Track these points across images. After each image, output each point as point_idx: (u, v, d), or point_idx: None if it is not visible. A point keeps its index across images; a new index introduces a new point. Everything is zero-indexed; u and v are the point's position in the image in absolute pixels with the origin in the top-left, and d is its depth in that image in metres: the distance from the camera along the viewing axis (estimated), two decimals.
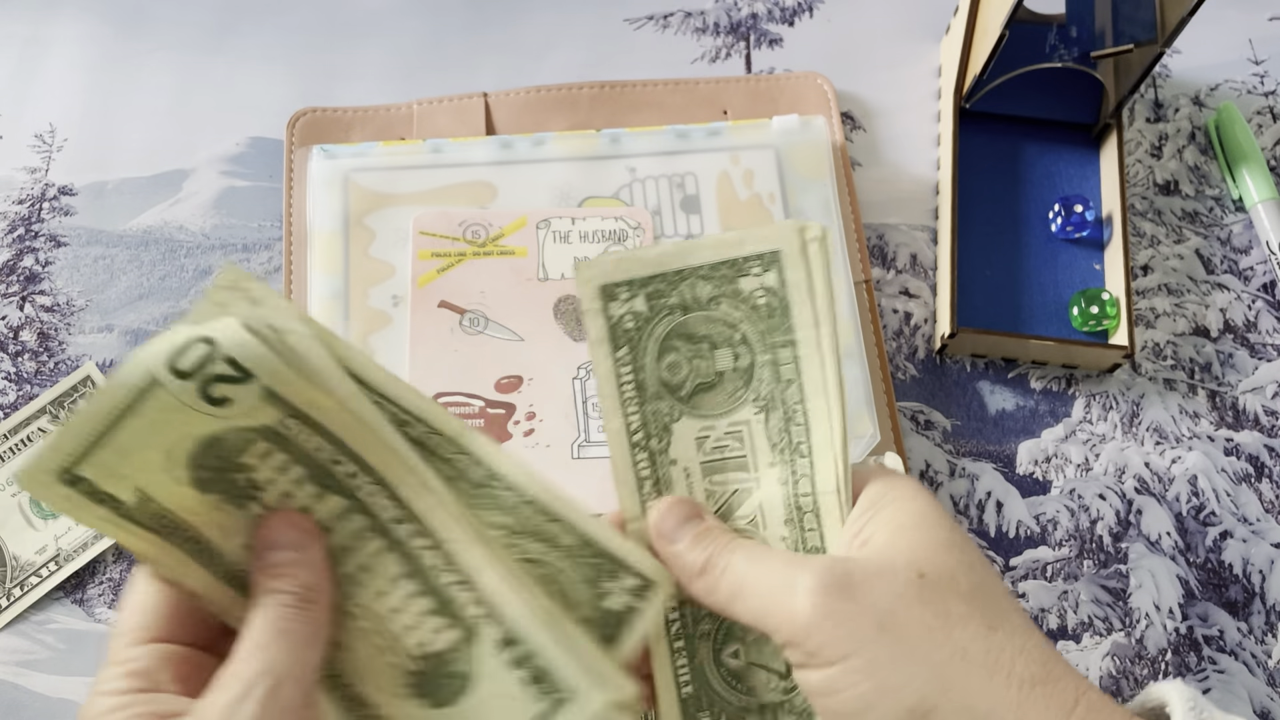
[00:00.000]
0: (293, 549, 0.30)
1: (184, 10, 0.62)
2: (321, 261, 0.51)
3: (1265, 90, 0.60)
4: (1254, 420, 0.53)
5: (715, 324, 0.34)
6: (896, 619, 0.29)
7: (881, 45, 0.61)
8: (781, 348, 0.34)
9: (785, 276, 0.33)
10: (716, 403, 0.35)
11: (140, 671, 0.29)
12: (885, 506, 0.33)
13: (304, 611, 0.30)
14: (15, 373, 0.53)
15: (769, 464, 0.35)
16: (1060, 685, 0.29)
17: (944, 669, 0.29)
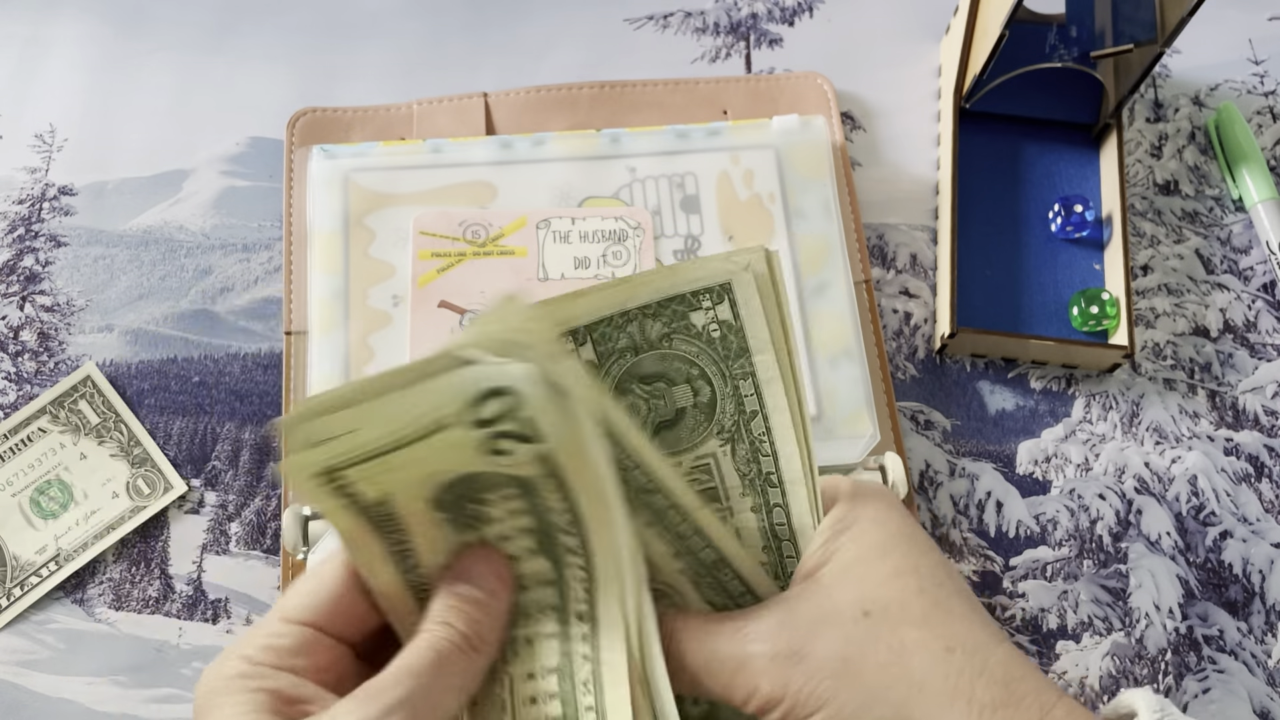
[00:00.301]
0: (484, 592, 0.30)
1: (184, 10, 0.62)
2: (321, 261, 0.51)
3: (1265, 90, 0.60)
4: (1254, 420, 0.53)
5: (670, 361, 0.33)
6: (850, 665, 0.30)
7: (881, 45, 0.61)
8: (742, 379, 0.33)
9: (738, 309, 0.33)
10: (679, 439, 0.34)
11: (283, 648, 0.29)
12: (842, 534, 0.32)
13: (466, 655, 0.29)
14: (15, 373, 0.53)
15: (740, 494, 0.34)
16: (1023, 705, 0.29)
17: (904, 705, 0.29)
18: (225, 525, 0.51)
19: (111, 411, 0.52)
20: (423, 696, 0.27)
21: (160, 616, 0.49)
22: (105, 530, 0.50)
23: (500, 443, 0.28)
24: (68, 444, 0.51)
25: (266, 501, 0.51)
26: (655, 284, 0.32)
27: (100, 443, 0.51)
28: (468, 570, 0.30)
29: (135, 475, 0.51)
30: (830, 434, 0.48)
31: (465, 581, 0.30)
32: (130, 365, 0.53)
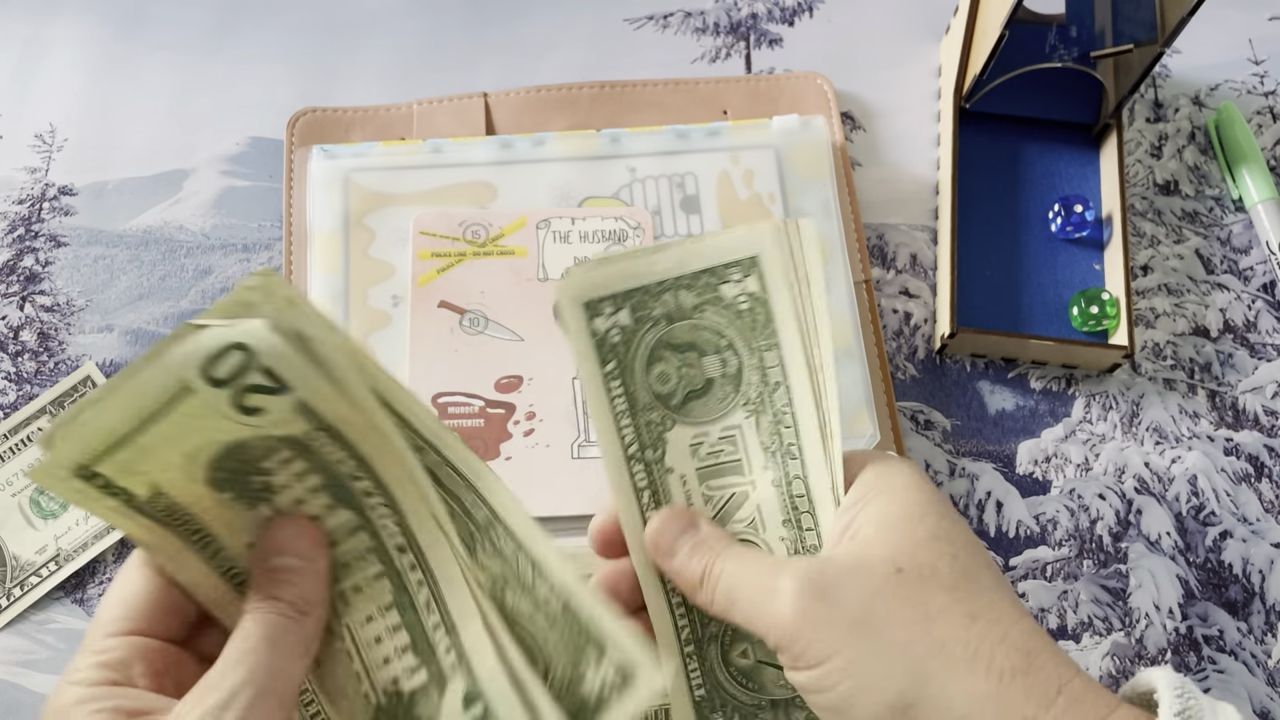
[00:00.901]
0: (299, 557, 0.30)
1: (184, 10, 0.62)
2: (321, 261, 0.51)
3: (1265, 90, 0.60)
4: (1254, 420, 0.53)
5: (701, 331, 0.34)
6: (874, 617, 0.30)
7: (881, 45, 0.61)
8: (766, 351, 0.34)
9: (765, 281, 0.33)
10: (708, 409, 0.35)
11: (113, 663, 0.29)
12: (874, 499, 0.33)
13: (297, 623, 0.29)
14: (15, 373, 0.53)
15: (763, 467, 0.35)
16: (1042, 675, 0.29)
17: (922, 664, 0.29)
18: None
19: None
20: (263, 672, 0.28)
21: None
22: (105, 530, 0.50)
23: (246, 398, 0.27)
24: None
25: None
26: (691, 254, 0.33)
27: None
28: (277, 541, 0.30)
29: None
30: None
31: (275, 553, 0.30)
32: None
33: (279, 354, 0.27)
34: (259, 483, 0.30)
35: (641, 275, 0.33)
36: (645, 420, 0.35)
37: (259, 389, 0.28)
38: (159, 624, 0.30)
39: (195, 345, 0.27)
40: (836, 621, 0.30)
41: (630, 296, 0.33)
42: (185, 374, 0.27)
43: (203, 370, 0.27)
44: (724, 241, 0.33)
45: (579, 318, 0.33)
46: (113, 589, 0.31)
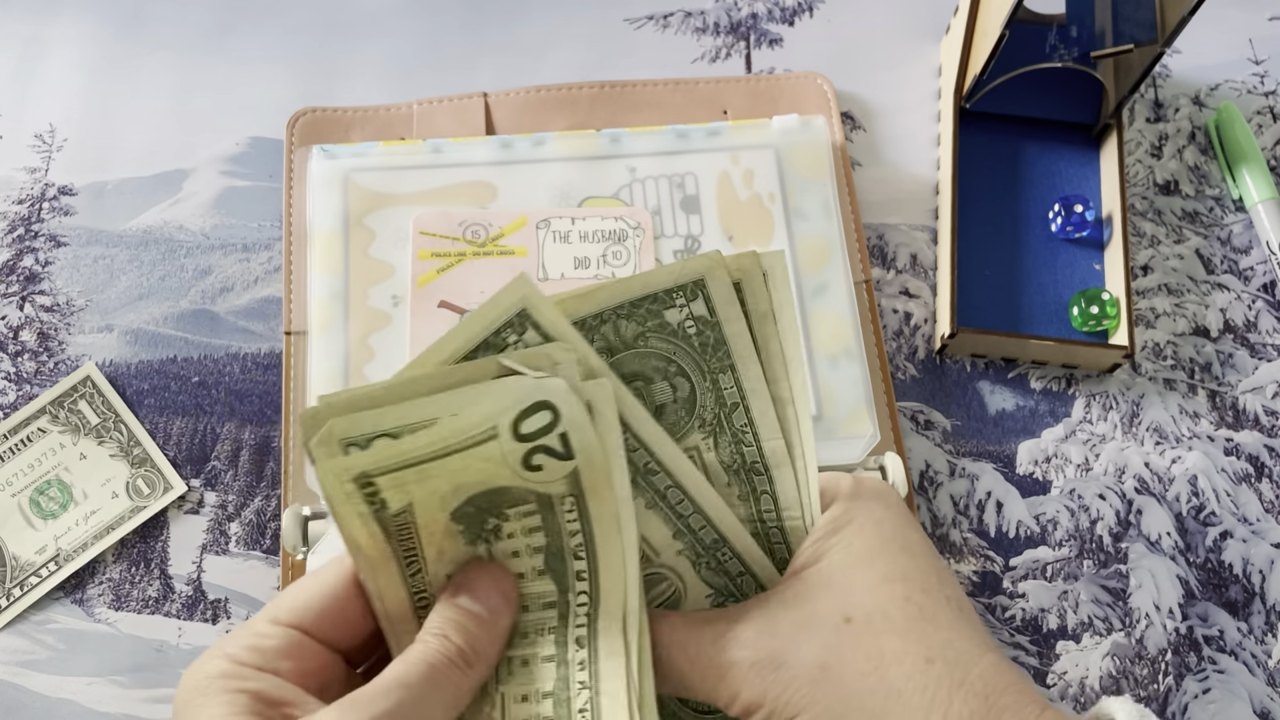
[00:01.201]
0: (486, 608, 0.30)
1: (184, 10, 0.62)
2: (321, 261, 0.51)
3: (1265, 90, 0.60)
4: (1254, 420, 0.53)
5: (647, 359, 0.33)
6: (830, 672, 0.30)
7: (881, 45, 0.61)
8: (720, 374, 0.33)
9: (714, 305, 0.33)
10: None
11: (268, 649, 0.29)
12: (834, 534, 0.32)
13: (460, 672, 0.29)
14: (15, 373, 0.53)
15: (725, 484, 0.34)
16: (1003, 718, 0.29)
17: (880, 716, 0.29)
18: (225, 525, 0.51)
19: (111, 412, 0.52)
20: (410, 709, 0.27)
21: (160, 616, 0.49)
22: (105, 530, 0.50)
23: (536, 457, 0.28)
24: (67, 444, 0.51)
25: (266, 502, 0.51)
26: (629, 286, 0.32)
27: (100, 443, 0.51)
28: (472, 584, 0.30)
29: (135, 475, 0.51)
30: (830, 434, 0.48)
31: (468, 595, 0.30)
32: (130, 365, 0.53)
33: (579, 424, 0.28)
34: (492, 524, 0.30)
35: (579, 310, 0.32)
36: None
37: (550, 452, 0.28)
38: (330, 628, 0.30)
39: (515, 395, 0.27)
40: (795, 683, 0.30)
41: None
42: (499, 421, 0.27)
43: (515, 422, 0.27)
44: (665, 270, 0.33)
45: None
46: (298, 582, 0.31)
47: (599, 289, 0.32)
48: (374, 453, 0.27)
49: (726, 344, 0.33)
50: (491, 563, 0.31)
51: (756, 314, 0.33)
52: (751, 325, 0.33)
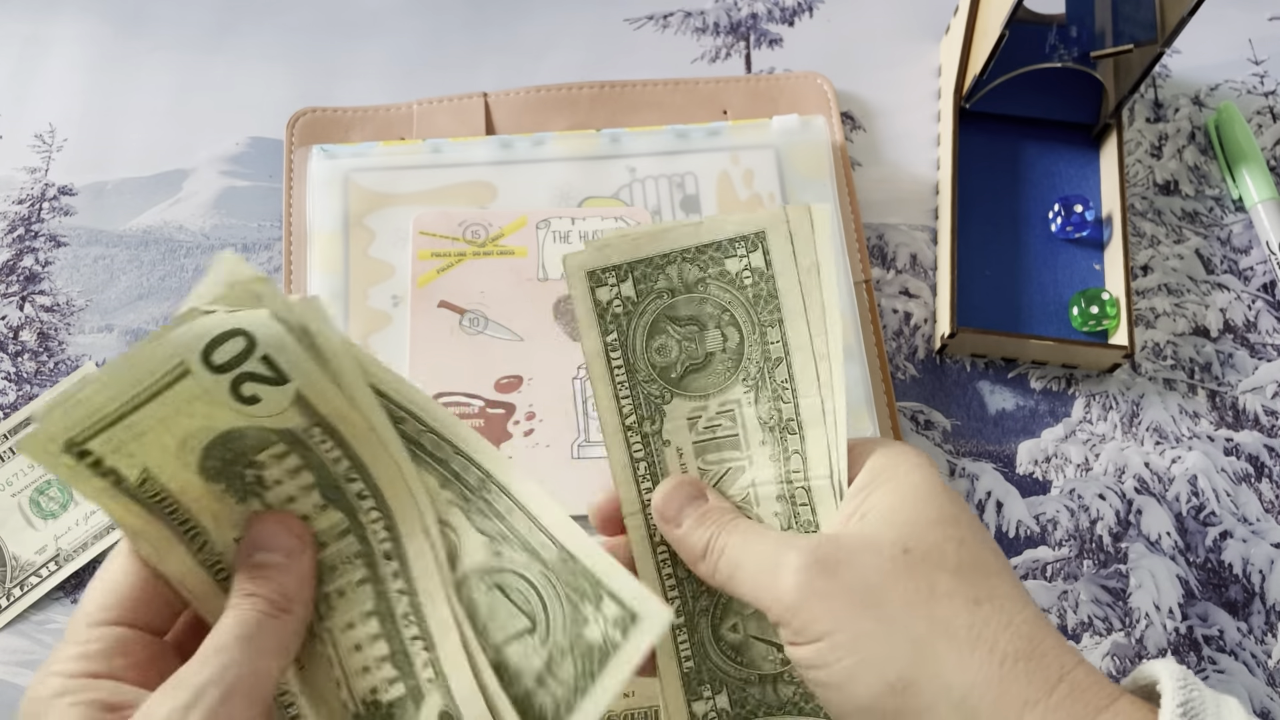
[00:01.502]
0: (282, 554, 0.30)
1: (184, 10, 0.62)
2: (321, 261, 0.51)
3: (1265, 90, 0.60)
4: (1254, 420, 0.53)
5: (704, 305, 0.34)
6: (879, 595, 0.30)
7: (881, 45, 0.61)
8: (769, 327, 0.34)
9: (771, 258, 0.34)
10: (707, 383, 0.35)
11: (95, 654, 0.28)
12: (883, 482, 0.33)
13: (275, 620, 0.29)
14: (15, 373, 0.53)
15: (760, 442, 0.35)
16: (1045, 661, 0.29)
17: (924, 644, 0.29)
18: None
19: None
20: (235, 671, 0.27)
21: None
22: (105, 530, 0.50)
23: (244, 386, 0.27)
24: None
25: None
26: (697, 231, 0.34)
27: None
28: (261, 536, 0.30)
29: None
30: None
31: (261, 549, 0.30)
32: None
33: (280, 344, 0.27)
34: (251, 476, 0.30)
35: (646, 248, 0.34)
36: (644, 392, 0.35)
37: (257, 377, 0.28)
38: (143, 615, 0.30)
39: (198, 328, 0.27)
40: (840, 596, 0.30)
41: (634, 269, 0.34)
42: (184, 355, 0.27)
43: (203, 354, 0.27)
44: (731, 219, 0.34)
45: (583, 287, 0.34)
46: (97, 578, 0.30)
47: (669, 229, 0.34)
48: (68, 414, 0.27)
49: (778, 298, 0.34)
50: (272, 511, 0.31)
51: (803, 266, 0.34)
52: (800, 278, 0.34)
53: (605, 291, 0.34)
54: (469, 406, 0.49)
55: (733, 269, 0.34)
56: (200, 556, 0.30)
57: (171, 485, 0.29)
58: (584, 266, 0.34)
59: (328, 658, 0.31)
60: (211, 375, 0.27)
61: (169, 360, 0.27)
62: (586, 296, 0.34)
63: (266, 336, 0.27)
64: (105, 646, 0.29)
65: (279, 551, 0.30)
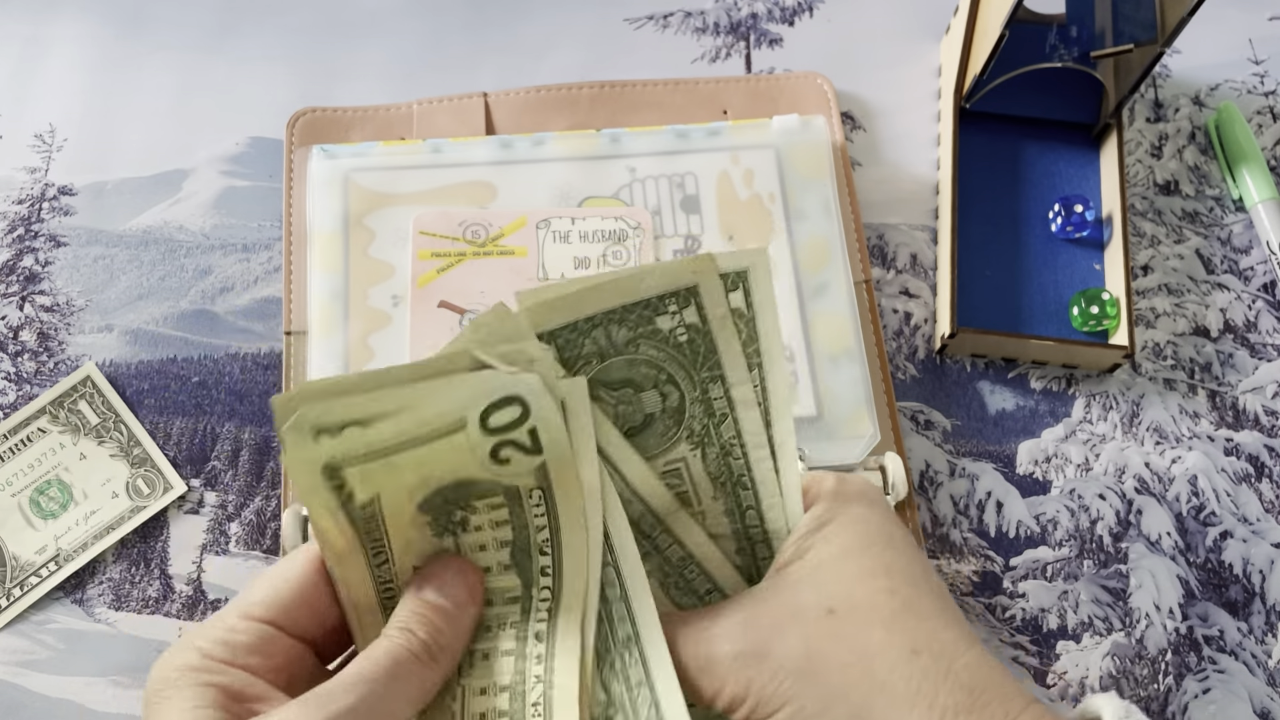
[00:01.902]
0: (451, 602, 0.30)
1: (184, 10, 0.62)
2: (321, 261, 0.51)
3: (1265, 90, 0.60)
4: (1254, 420, 0.53)
5: (637, 366, 0.32)
6: (813, 663, 0.29)
7: (881, 45, 0.61)
8: (711, 383, 0.33)
9: (705, 312, 0.32)
10: (649, 445, 0.33)
11: (237, 644, 0.29)
12: (817, 531, 0.32)
13: (424, 666, 0.29)
14: (15, 373, 0.53)
15: (711, 497, 0.34)
16: (987, 712, 0.28)
17: (864, 706, 0.29)
18: (225, 525, 0.51)
19: (111, 412, 0.52)
20: (373, 704, 0.27)
21: (160, 617, 0.49)
22: (105, 530, 0.50)
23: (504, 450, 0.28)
24: (67, 444, 0.51)
25: (266, 501, 0.51)
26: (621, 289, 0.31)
27: (100, 443, 0.51)
28: (438, 577, 0.30)
29: (135, 475, 0.51)
30: (830, 434, 0.48)
31: (434, 588, 0.30)
32: (130, 365, 0.53)
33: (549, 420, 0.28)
34: (459, 517, 0.30)
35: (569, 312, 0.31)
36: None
37: (518, 446, 0.28)
38: (299, 620, 0.30)
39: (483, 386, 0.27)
40: (779, 673, 0.30)
41: (557, 336, 0.31)
42: (468, 413, 0.27)
43: (484, 415, 0.27)
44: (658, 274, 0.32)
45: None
46: (266, 574, 0.30)
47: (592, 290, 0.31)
48: (342, 441, 0.27)
49: (717, 353, 0.32)
50: (458, 556, 0.31)
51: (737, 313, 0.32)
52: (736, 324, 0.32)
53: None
54: None
55: (664, 326, 0.32)
56: (376, 573, 0.30)
57: (388, 510, 0.29)
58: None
59: (452, 713, 0.31)
60: (482, 436, 0.27)
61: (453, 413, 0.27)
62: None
63: (539, 409, 0.27)
64: (251, 640, 0.29)
65: (449, 598, 0.30)
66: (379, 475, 0.28)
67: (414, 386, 0.27)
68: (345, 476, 0.28)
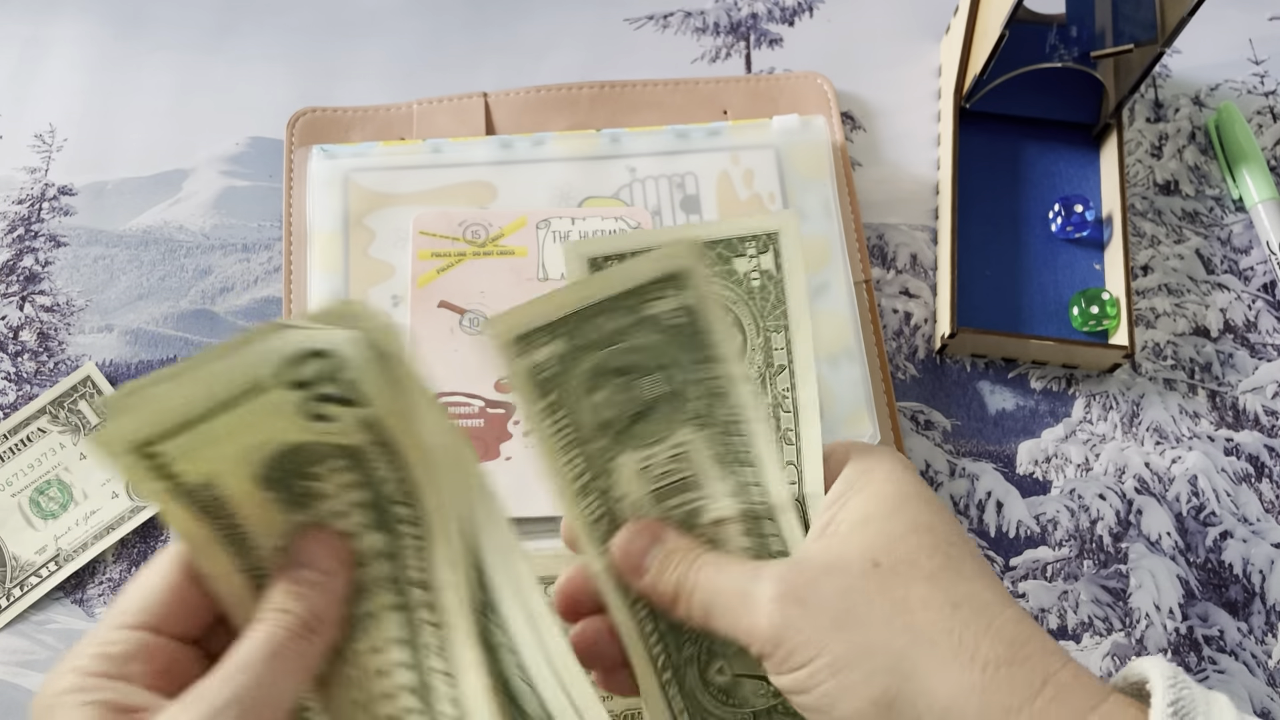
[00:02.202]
0: (320, 573, 0.30)
1: (184, 10, 0.62)
2: (321, 261, 0.51)
3: (1265, 90, 0.60)
4: (1254, 420, 0.53)
5: (636, 353, 0.33)
6: (853, 614, 0.30)
7: (881, 45, 0.61)
8: (774, 332, 0.34)
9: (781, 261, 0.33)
10: (653, 430, 0.34)
11: (115, 656, 0.28)
12: (856, 492, 0.32)
13: (304, 640, 0.29)
14: (15, 373, 0.53)
15: (718, 478, 0.34)
16: (1028, 665, 0.28)
17: (905, 657, 0.29)
18: None
19: None
20: (255, 689, 0.27)
21: None
22: (105, 530, 0.50)
23: (321, 406, 0.27)
24: (67, 444, 0.51)
25: None
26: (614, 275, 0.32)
27: None
28: (303, 552, 0.30)
29: None
30: (830, 434, 0.48)
31: (301, 564, 0.30)
32: (130, 365, 0.53)
33: (364, 368, 0.27)
34: (305, 487, 0.30)
35: (568, 304, 0.32)
36: (591, 450, 0.34)
37: (334, 399, 0.28)
38: (173, 621, 0.30)
39: (280, 344, 0.27)
40: (817, 622, 0.30)
41: (560, 325, 0.32)
42: (263, 371, 0.27)
43: (281, 371, 0.27)
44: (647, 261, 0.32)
45: (511, 354, 0.32)
46: (135, 582, 0.30)
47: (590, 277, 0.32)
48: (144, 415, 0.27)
49: (785, 303, 0.33)
50: (317, 526, 0.30)
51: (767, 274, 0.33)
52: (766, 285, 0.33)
53: (536, 355, 0.33)
54: (469, 406, 0.49)
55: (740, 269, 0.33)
56: (240, 561, 0.30)
57: (228, 491, 0.29)
58: (508, 333, 0.32)
59: (352, 679, 0.31)
60: (289, 393, 0.27)
61: (249, 373, 0.27)
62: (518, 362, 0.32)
63: (352, 359, 0.27)
64: (127, 649, 0.29)
65: (318, 569, 0.30)
66: (197, 450, 0.28)
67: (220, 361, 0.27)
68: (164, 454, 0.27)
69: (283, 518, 0.30)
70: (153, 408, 0.27)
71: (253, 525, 0.30)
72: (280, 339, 0.27)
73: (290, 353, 0.27)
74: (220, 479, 0.29)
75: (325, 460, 0.30)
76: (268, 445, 0.29)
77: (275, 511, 0.30)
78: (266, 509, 0.30)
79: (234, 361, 0.27)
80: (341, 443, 0.29)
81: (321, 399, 0.27)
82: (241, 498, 0.29)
